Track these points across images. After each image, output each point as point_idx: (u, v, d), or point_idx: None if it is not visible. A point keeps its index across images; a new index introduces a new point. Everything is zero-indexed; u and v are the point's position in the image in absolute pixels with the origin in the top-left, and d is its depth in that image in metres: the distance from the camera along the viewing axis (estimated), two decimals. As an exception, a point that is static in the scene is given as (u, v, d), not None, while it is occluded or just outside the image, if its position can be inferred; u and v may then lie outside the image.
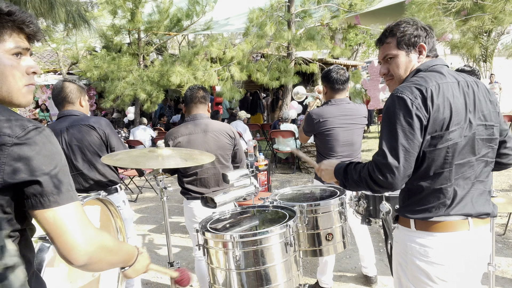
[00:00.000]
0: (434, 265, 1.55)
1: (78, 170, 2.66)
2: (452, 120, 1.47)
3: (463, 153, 1.51)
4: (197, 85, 2.84)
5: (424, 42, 1.62)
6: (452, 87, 1.51)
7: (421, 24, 1.65)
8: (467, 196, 1.54)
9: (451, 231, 1.54)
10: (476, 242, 1.57)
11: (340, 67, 3.03)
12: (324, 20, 9.00)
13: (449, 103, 1.48)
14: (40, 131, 1.01)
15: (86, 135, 2.64)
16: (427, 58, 1.64)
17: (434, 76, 1.54)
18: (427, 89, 1.48)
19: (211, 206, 2.14)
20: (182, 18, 10.81)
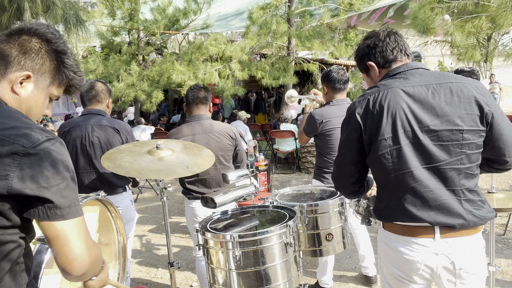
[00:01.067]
0: (398, 267, 1.58)
1: (95, 169, 2.69)
2: (388, 127, 1.48)
3: (409, 159, 1.47)
4: (199, 84, 2.84)
5: (370, 60, 1.65)
6: (399, 92, 1.49)
7: (365, 41, 1.66)
8: (429, 203, 1.47)
9: (416, 236, 1.51)
10: (443, 254, 1.49)
11: (340, 67, 3.03)
12: (324, 20, 9.00)
13: (386, 109, 1.49)
14: (53, 143, 1.01)
15: (110, 136, 2.70)
16: (385, 69, 1.63)
17: (383, 83, 1.57)
18: (364, 97, 1.56)
19: (211, 206, 2.14)
20: (179, 17, 10.80)
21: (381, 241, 1.67)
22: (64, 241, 1.01)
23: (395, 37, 1.62)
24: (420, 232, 1.51)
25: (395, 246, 1.57)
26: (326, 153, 2.98)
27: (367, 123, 1.52)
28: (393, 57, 1.61)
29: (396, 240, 1.57)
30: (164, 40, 12.56)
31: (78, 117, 2.82)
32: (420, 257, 1.51)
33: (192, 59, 8.95)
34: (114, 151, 2.31)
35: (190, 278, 3.65)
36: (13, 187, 0.94)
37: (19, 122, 1.00)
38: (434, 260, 1.50)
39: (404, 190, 1.51)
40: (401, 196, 1.51)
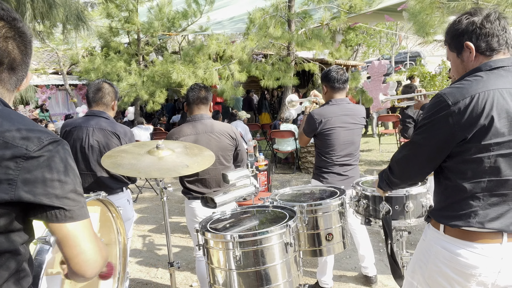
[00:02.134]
0: (457, 272, 1.51)
1: (92, 171, 2.70)
2: (499, 130, 1.37)
3: (510, 167, 1.40)
4: (199, 84, 2.83)
5: (470, 40, 1.47)
6: (508, 94, 1.38)
7: (470, 18, 1.46)
8: (507, 212, 1.44)
9: (481, 242, 1.46)
10: (508, 258, 1.45)
11: (339, 67, 3.04)
12: (324, 21, 9.01)
13: (497, 111, 1.37)
14: (57, 145, 0.99)
15: (109, 141, 2.70)
16: (484, 57, 1.47)
17: (487, 80, 1.41)
18: (472, 96, 1.39)
19: (211, 206, 2.14)
20: (179, 18, 10.80)
21: (438, 245, 1.58)
22: (74, 243, 0.99)
23: (505, 24, 1.43)
24: (486, 238, 1.45)
25: (456, 250, 1.50)
26: (325, 153, 2.98)
27: (470, 124, 1.39)
28: (497, 46, 1.43)
29: (458, 245, 1.50)
30: (164, 41, 12.57)
31: (80, 117, 2.82)
32: (485, 262, 1.45)
33: (193, 59, 8.95)
34: (115, 151, 2.31)
35: (190, 278, 3.65)
36: (17, 192, 0.92)
37: (21, 124, 0.97)
38: (498, 265, 1.45)
39: (490, 196, 1.44)
40: (483, 202, 1.45)
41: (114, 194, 2.73)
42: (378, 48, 20.99)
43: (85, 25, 5.84)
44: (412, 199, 2.27)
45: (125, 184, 2.84)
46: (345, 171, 2.98)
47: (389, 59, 22.02)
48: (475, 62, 1.48)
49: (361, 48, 20.78)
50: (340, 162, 2.97)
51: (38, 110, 14.62)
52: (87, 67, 10.45)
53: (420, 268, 1.65)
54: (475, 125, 1.39)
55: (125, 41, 11.75)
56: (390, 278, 3.10)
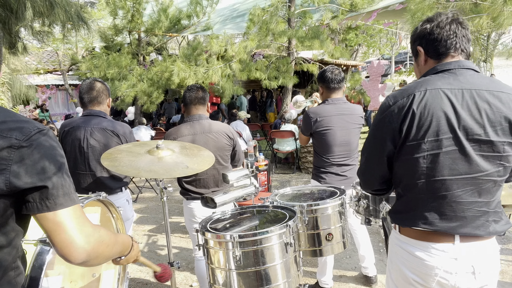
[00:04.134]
0: (415, 272, 1.52)
1: (92, 171, 2.69)
2: (430, 130, 1.40)
3: (447, 167, 1.41)
4: (196, 84, 2.84)
5: (420, 44, 1.54)
6: (446, 94, 1.40)
7: (425, 24, 1.52)
8: (452, 214, 1.44)
9: (434, 242, 1.47)
10: (462, 259, 1.45)
11: (334, 67, 3.05)
12: (324, 21, 9.00)
13: (432, 111, 1.40)
14: (45, 133, 1.03)
15: (108, 139, 2.70)
16: (434, 61, 1.51)
17: (428, 80, 1.46)
18: (409, 95, 1.44)
19: (211, 206, 2.14)
20: (183, 18, 10.80)
21: (396, 244, 1.61)
22: (61, 229, 1.01)
23: (457, 28, 1.47)
24: (439, 238, 1.46)
25: (412, 250, 1.51)
26: (322, 153, 2.99)
27: (406, 123, 1.43)
28: (444, 50, 1.48)
29: (413, 245, 1.51)
30: (165, 41, 12.58)
31: (79, 117, 2.81)
32: (439, 262, 1.46)
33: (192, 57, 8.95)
34: (114, 151, 2.31)
35: (190, 278, 3.65)
36: (11, 180, 0.95)
37: (8, 117, 1.02)
38: (454, 265, 1.45)
39: (432, 197, 1.45)
40: (427, 202, 1.46)
41: (113, 194, 2.72)
42: (378, 48, 20.99)
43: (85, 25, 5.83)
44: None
45: (124, 184, 2.84)
46: (344, 171, 2.98)
47: (389, 59, 22.02)
48: (426, 66, 1.54)
49: (361, 48, 20.78)
50: (337, 162, 2.97)
51: (38, 110, 14.61)
52: (88, 66, 10.44)
53: (389, 271, 1.69)
54: (411, 124, 1.42)
55: (126, 41, 11.75)
56: (390, 278, 3.10)
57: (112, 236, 1.15)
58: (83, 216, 1.06)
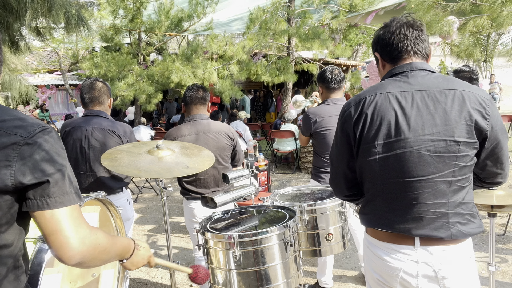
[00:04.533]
0: (380, 272, 1.53)
1: (93, 171, 2.69)
2: (380, 133, 1.41)
3: (399, 169, 1.41)
4: (197, 84, 2.84)
5: (376, 50, 1.58)
6: (395, 97, 1.42)
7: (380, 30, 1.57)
8: (410, 216, 1.42)
9: (395, 243, 1.46)
10: (423, 262, 1.43)
11: (334, 67, 3.04)
12: (324, 21, 9.01)
13: (380, 115, 1.41)
14: (48, 132, 1.04)
15: (109, 140, 2.69)
16: (389, 65, 1.54)
17: (380, 85, 1.49)
18: (360, 100, 1.48)
19: (211, 206, 2.14)
20: (184, 18, 10.80)
21: (365, 245, 1.63)
22: (57, 229, 1.01)
23: (408, 30, 1.48)
24: (400, 240, 1.46)
25: (377, 251, 1.53)
26: (322, 152, 2.99)
27: (359, 127, 1.46)
28: (397, 54, 1.50)
29: (378, 246, 1.52)
30: (165, 41, 12.57)
31: (79, 118, 2.81)
32: (400, 264, 1.46)
33: (191, 58, 8.94)
34: (114, 151, 2.31)
35: (190, 278, 3.65)
36: (16, 177, 0.97)
37: (12, 115, 1.03)
38: (414, 268, 1.44)
39: (388, 198, 1.46)
40: (384, 204, 1.47)
41: (114, 194, 2.72)
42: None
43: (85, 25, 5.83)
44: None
45: (125, 184, 2.83)
46: None
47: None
48: (384, 71, 1.58)
49: (361, 48, 20.77)
50: None
51: (38, 110, 14.61)
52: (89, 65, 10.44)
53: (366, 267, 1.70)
54: (363, 127, 1.45)
55: (126, 41, 11.75)
56: (390, 278, 3.10)
57: (110, 240, 1.14)
58: (80, 217, 1.06)
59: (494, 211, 2.15)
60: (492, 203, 2.10)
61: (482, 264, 3.52)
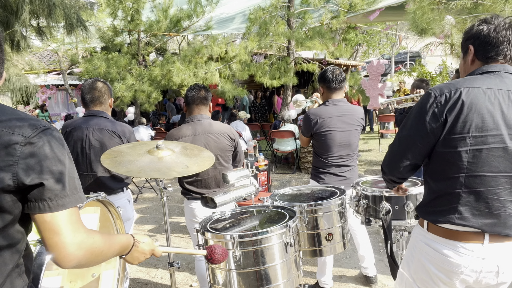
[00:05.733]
0: (440, 269, 1.55)
1: (93, 172, 2.69)
2: (475, 125, 1.42)
3: (488, 163, 1.43)
4: (199, 84, 2.83)
5: (473, 44, 1.55)
6: (493, 93, 1.44)
7: (482, 25, 1.53)
8: (487, 211, 1.46)
9: (463, 241, 1.49)
10: (490, 258, 1.48)
11: (335, 67, 3.04)
12: (324, 21, 9.00)
13: (478, 107, 1.42)
14: (51, 132, 1.04)
15: (110, 140, 2.70)
16: (480, 62, 1.54)
17: (474, 79, 1.48)
18: (457, 89, 1.45)
19: (211, 206, 2.14)
20: (183, 18, 10.80)
21: (422, 241, 1.62)
22: (56, 232, 1.01)
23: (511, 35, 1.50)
24: (468, 237, 1.49)
25: (439, 248, 1.54)
26: (322, 153, 2.98)
27: (452, 115, 1.44)
28: (494, 55, 1.51)
29: (441, 243, 1.54)
30: (164, 41, 12.57)
31: (80, 118, 2.81)
32: (466, 261, 1.49)
33: (192, 60, 8.94)
34: (114, 150, 2.31)
35: (190, 278, 3.65)
36: (19, 176, 0.96)
37: (14, 115, 1.03)
38: (480, 265, 1.48)
39: (469, 192, 1.47)
40: (464, 197, 1.47)
41: (114, 194, 2.73)
42: (378, 48, 21.00)
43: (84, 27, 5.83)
44: (412, 199, 2.27)
45: (125, 184, 2.84)
46: (342, 172, 2.97)
47: (389, 59, 22.02)
48: (472, 66, 1.57)
49: (361, 48, 20.79)
50: (336, 163, 2.96)
51: (38, 110, 14.61)
52: (88, 66, 10.44)
53: (407, 263, 1.72)
54: (456, 117, 1.44)
55: (126, 41, 11.74)
56: (390, 278, 3.10)
57: (106, 242, 1.14)
58: (79, 220, 1.06)
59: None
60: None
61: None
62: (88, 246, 1.05)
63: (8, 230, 1.00)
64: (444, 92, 1.48)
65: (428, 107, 1.49)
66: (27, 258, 1.08)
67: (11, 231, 1.01)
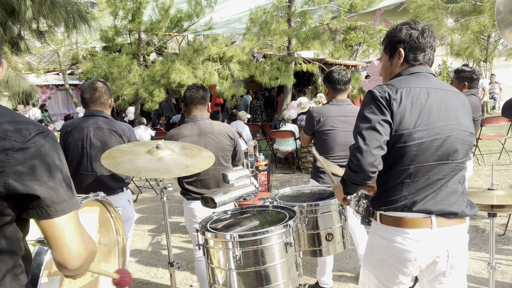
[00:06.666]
0: (394, 258, 1.63)
1: (94, 171, 2.69)
2: (419, 121, 1.55)
3: (432, 154, 1.56)
4: (197, 84, 2.83)
5: (402, 47, 1.67)
6: (427, 91, 1.59)
7: (410, 29, 1.66)
8: (431, 194, 1.59)
9: (412, 227, 1.59)
10: (439, 242, 1.60)
11: (342, 68, 3.04)
12: (324, 21, 9.00)
13: (418, 104, 1.56)
14: (45, 136, 1.00)
15: (110, 139, 2.70)
16: (407, 64, 1.68)
17: (409, 79, 1.62)
18: (397, 89, 1.58)
19: (211, 206, 2.14)
20: (183, 18, 10.80)
21: (376, 234, 1.71)
22: (60, 235, 1.00)
23: (433, 40, 1.67)
24: (417, 223, 1.59)
25: (391, 237, 1.63)
26: (322, 153, 2.97)
27: (397, 113, 1.55)
28: (421, 59, 1.67)
29: (393, 232, 1.63)
30: (165, 41, 12.57)
31: (80, 118, 2.81)
32: (417, 247, 1.58)
33: (192, 59, 8.94)
34: (114, 150, 2.31)
35: (190, 278, 3.65)
36: (10, 183, 0.94)
37: (8, 117, 0.99)
38: (431, 250, 1.59)
39: (416, 181, 1.58)
40: (410, 187, 1.59)
41: (114, 194, 2.73)
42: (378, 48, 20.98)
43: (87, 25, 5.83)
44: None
45: (125, 184, 2.84)
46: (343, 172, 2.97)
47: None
48: (399, 68, 1.70)
49: (361, 48, 20.78)
50: (337, 163, 2.96)
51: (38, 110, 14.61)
52: (89, 66, 10.43)
53: (368, 260, 1.77)
54: (401, 115, 1.55)
55: (127, 41, 11.75)
56: (390, 278, 3.09)
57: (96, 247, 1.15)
58: (80, 224, 1.06)
59: (494, 211, 2.14)
60: (492, 203, 2.09)
61: (482, 264, 3.51)
62: (91, 247, 1.06)
63: (4, 232, 0.99)
64: (387, 91, 1.58)
65: (375, 100, 1.58)
66: (24, 259, 1.07)
67: (7, 233, 0.99)
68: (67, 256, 1.01)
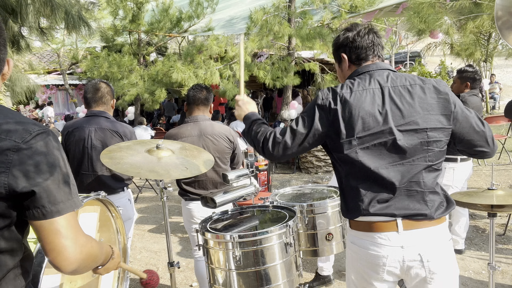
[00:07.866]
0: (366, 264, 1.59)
1: (95, 171, 2.71)
2: (364, 125, 1.51)
3: (381, 157, 1.52)
4: (201, 84, 2.83)
5: (344, 52, 1.69)
6: (370, 93, 1.55)
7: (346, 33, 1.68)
8: (392, 197, 1.53)
9: (378, 231, 1.54)
10: (408, 246, 1.52)
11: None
12: (324, 21, 8.99)
13: (360, 108, 1.52)
14: (45, 136, 1.00)
15: (111, 140, 2.71)
16: (355, 66, 1.68)
17: (350, 83, 1.60)
18: (337, 95, 1.56)
19: (211, 206, 2.14)
20: (184, 19, 10.80)
21: (349, 241, 1.69)
22: (56, 237, 0.99)
23: (374, 37, 1.66)
24: (383, 227, 1.54)
25: (361, 243, 1.59)
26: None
27: (336, 123, 1.54)
28: (364, 56, 1.66)
29: (362, 237, 1.59)
30: (165, 42, 12.57)
31: (82, 118, 2.83)
32: (385, 251, 1.53)
33: (194, 59, 8.94)
34: (114, 148, 2.31)
35: (190, 278, 3.65)
36: (10, 183, 0.93)
37: (8, 117, 0.99)
38: (400, 253, 1.52)
39: (370, 185, 1.54)
40: (366, 191, 1.54)
41: (115, 193, 2.74)
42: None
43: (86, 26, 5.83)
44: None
45: (126, 184, 2.85)
46: None
47: (389, 58, 22.00)
48: (349, 71, 1.70)
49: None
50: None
51: (38, 110, 14.61)
52: (89, 66, 10.43)
53: (348, 268, 1.74)
54: (343, 121, 1.54)
55: (127, 41, 11.75)
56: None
57: (99, 248, 1.13)
58: (77, 225, 1.04)
59: (494, 211, 2.14)
60: (492, 203, 2.09)
61: (482, 264, 3.52)
62: (87, 250, 1.04)
63: (4, 233, 0.98)
64: (328, 98, 1.58)
65: (314, 106, 1.59)
66: (25, 259, 1.07)
67: (7, 233, 0.99)
68: (60, 259, 0.99)
